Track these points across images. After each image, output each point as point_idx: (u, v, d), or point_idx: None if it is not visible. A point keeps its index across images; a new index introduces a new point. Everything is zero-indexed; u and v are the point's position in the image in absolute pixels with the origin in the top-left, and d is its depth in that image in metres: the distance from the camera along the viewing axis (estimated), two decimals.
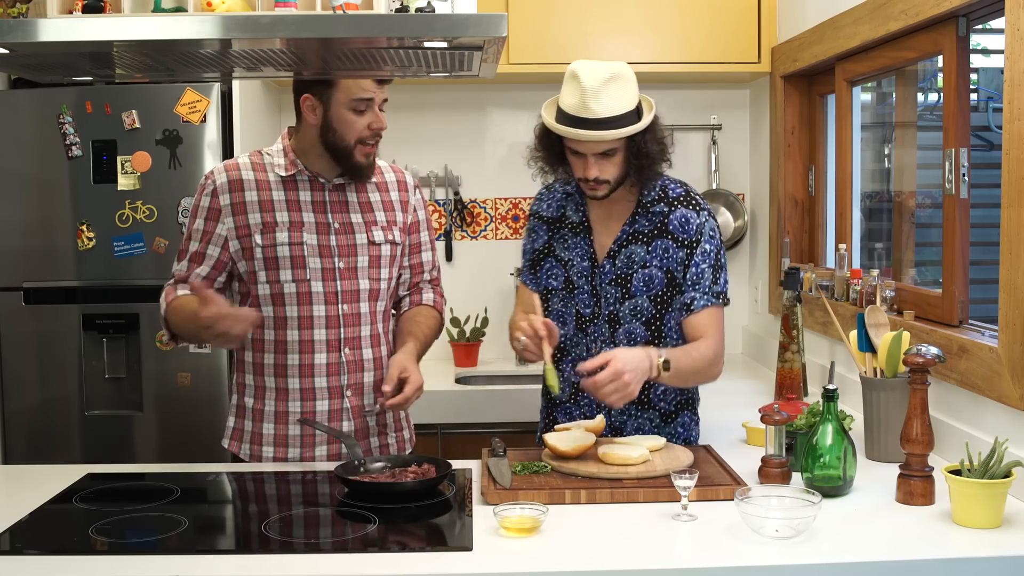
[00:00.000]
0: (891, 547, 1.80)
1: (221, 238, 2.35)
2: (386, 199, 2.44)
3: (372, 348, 2.40)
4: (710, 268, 2.33)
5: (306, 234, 2.33)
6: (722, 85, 3.95)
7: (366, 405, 2.41)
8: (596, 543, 1.81)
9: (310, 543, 1.86)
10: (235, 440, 2.43)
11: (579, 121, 2.22)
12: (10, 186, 3.28)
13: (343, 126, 2.28)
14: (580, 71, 2.23)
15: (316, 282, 2.34)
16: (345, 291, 2.36)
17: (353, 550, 1.81)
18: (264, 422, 2.39)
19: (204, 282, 2.31)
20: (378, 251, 2.39)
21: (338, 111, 2.28)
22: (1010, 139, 2.09)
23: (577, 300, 2.39)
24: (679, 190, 2.38)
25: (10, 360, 3.31)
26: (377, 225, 2.40)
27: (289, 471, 2.29)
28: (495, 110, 3.95)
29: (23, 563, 1.76)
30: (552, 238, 2.44)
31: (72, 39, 1.91)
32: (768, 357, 3.47)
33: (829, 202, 3.41)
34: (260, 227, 2.33)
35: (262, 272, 2.33)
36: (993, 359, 2.16)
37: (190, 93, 3.23)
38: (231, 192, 2.35)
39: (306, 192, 2.36)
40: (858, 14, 2.85)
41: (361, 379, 2.39)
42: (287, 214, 2.34)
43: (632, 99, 2.25)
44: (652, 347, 2.26)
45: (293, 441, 2.38)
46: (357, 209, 2.39)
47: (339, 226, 2.36)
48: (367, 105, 2.28)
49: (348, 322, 2.36)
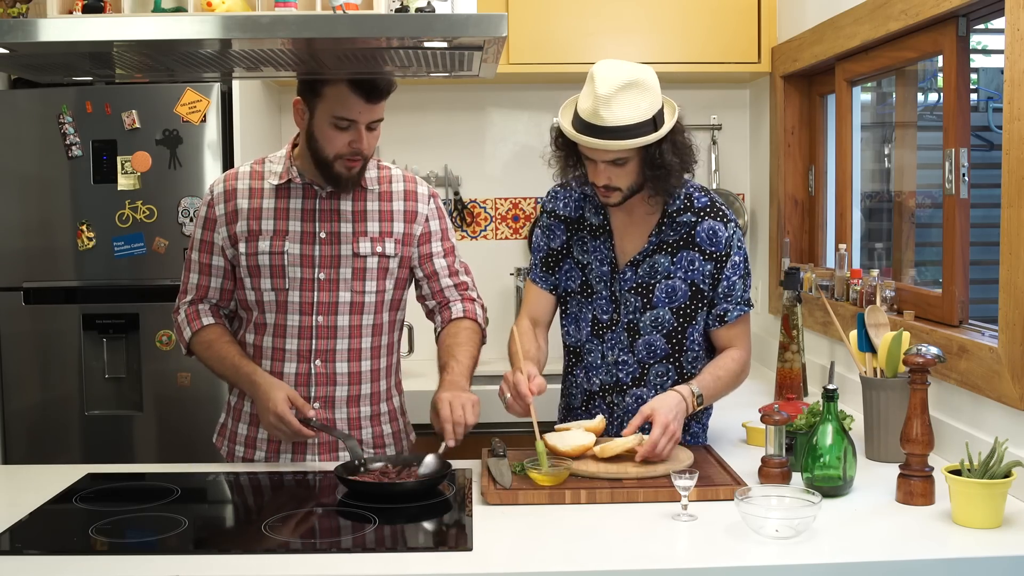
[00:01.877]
0: (891, 547, 1.80)
1: (218, 247, 2.37)
2: (385, 209, 2.38)
3: (348, 362, 2.36)
4: (740, 279, 2.31)
5: (288, 243, 2.32)
6: (722, 85, 3.95)
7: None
8: (596, 543, 1.81)
9: (310, 543, 1.86)
10: (220, 436, 2.49)
11: (590, 128, 2.16)
12: (10, 186, 3.28)
13: (323, 138, 2.24)
14: (598, 75, 2.16)
15: (294, 292, 2.32)
16: (322, 302, 2.33)
17: (353, 550, 1.81)
18: (240, 422, 2.43)
19: (209, 305, 2.40)
20: (363, 263, 2.34)
21: (321, 123, 2.24)
22: (1010, 139, 2.09)
23: (595, 305, 2.36)
24: (704, 199, 2.32)
25: (10, 360, 3.31)
26: (367, 236, 2.35)
27: (289, 471, 2.29)
28: (495, 110, 3.95)
29: (23, 563, 1.76)
30: (571, 239, 2.39)
31: (72, 39, 1.91)
32: (768, 357, 3.47)
33: (829, 202, 3.41)
34: (246, 235, 2.33)
35: (247, 279, 2.35)
36: (993, 359, 2.16)
37: (190, 93, 3.23)
38: (225, 202, 2.36)
39: (297, 200, 2.35)
40: (858, 14, 2.85)
41: (332, 392, 2.36)
42: (273, 222, 2.33)
43: (648, 108, 2.16)
44: (682, 385, 2.22)
45: (260, 444, 2.40)
46: (349, 218, 2.35)
47: (325, 236, 2.33)
48: (350, 124, 2.22)
49: (321, 334, 2.34)
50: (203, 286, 2.40)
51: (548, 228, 2.42)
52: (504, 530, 1.88)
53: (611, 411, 2.36)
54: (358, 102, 2.20)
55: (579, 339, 2.39)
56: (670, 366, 2.33)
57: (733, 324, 2.32)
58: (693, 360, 2.34)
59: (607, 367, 2.35)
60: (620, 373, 2.34)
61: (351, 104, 2.20)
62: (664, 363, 2.33)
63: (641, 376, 2.33)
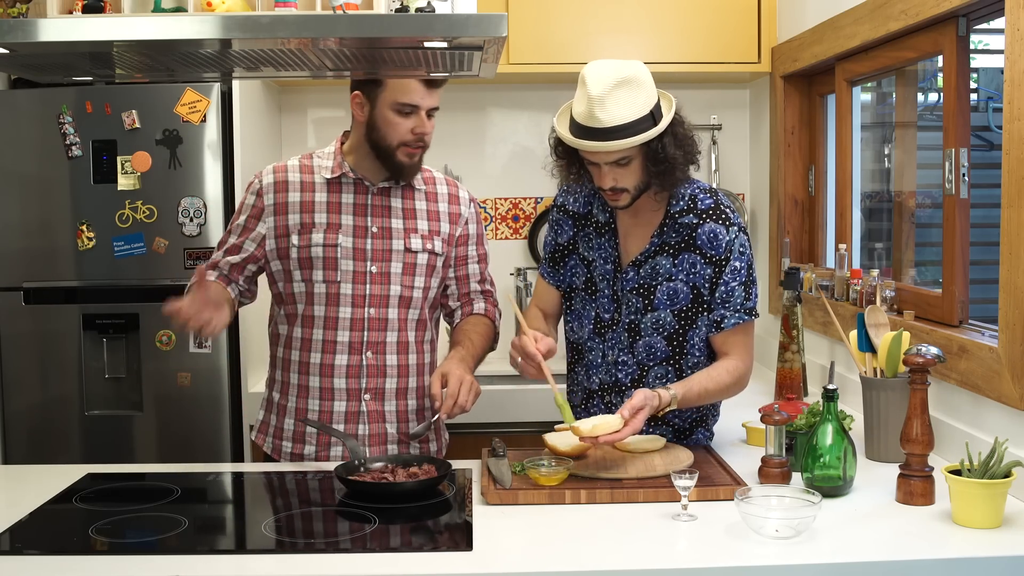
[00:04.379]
0: (891, 547, 1.80)
1: (260, 235, 2.39)
2: (432, 209, 2.43)
3: (398, 355, 2.39)
4: (741, 285, 2.26)
5: (342, 236, 2.35)
6: (722, 85, 3.95)
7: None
8: (596, 543, 1.81)
9: (310, 543, 1.86)
10: (261, 433, 2.48)
11: (588, 131, 2.14)
12: (10, 186, 3.28)
13: (387, 126, 2.29)
14: (588, 76, 2.13)
15: (346, 284, 2.35)
16: (374, 295, 2.36)
17: (353, 550, 1.81)
18: (286, 417, 2.42)
19: (218, 274, 2.39)
20: (413, 258, 2.38)
21: (383, 111, 2.29)
22: (1010, 139, 2.09)
23: (598, 303, 2.35)
24: (708, 201, 2.28)
25: (10, 360, 3.31)
26: (417, 233, 2.39)
27: (289, 471, 2.30)
28: (495, 110, 3.95)
29: (23, 563, 1.76)
30: (577, 235, 2.39)
31: (72, 39, 1.91)
32: (768, 357, 3.47)
33: (829, 202, 3.41)
34: (298, 227, 2.36)
35: (296, 271, 2.36)
36: (993, 359, 2.16)
37: (190, 93, 3.23)
38: (275, 192, 2.39)
39: (349, 195, 2.38)
40: (858, 14, 2.85)
41: (382, 384, 2.38)
42: (326, 215, 2.36)
43: (644, 104, 2.14)
44: (663, 388, 2.17)
45: (310, 438, 2.40)
46: (399, 215, 2.39)
47: (377, 230, 2.37)
48: (412, 110, 2.28)
49: (373, 326, 2.36)
50: (219, 260, 2.41)
51: (556, 223, 2.42)
52: (504, 530, 1.88)
53: (609, 411, 2.35)
54: (419, 88, 2.27)
55: (581, 336, 2.39)
56: (669, 368, 2.32)
57: (731, 332, 2.28)
58: (694, 365, 2.32)
59: (607, 366, 2.35)
60: (619, 373, 2.33)
61: (413, 90, 2.27)
62: (663, 365, 2.32)
63: (640, 378, 2.33)
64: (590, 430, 2.05)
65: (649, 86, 2.17)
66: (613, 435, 2.05)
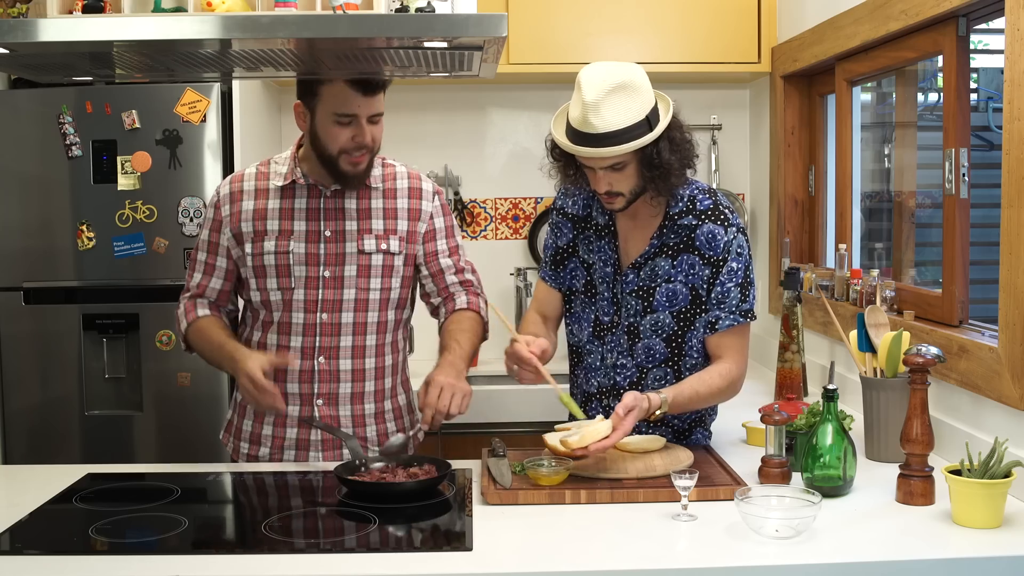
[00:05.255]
0: (891, 547, 1.80)
1: (224, 248, 2.40)
2: (390, 206, 2.40)
3: (352, 359, 2.37)
4: (737, 287, 2.25)
5: (293, 242, 2.34)
6: (722, 85, 3.96)
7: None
8: (596, 543, 1.81)
9: (310, 543, 1.86)
10: (227, 433, 2.50)
11: (583, 136, 2.12)
12: (10, 186, 3.28)
13: (326, 136, 2.27)
14: (584, 81, 2.11)
15: (299, 290, 2.34)
16: (327, 299, 2.34)
17: (353, 550, 1.81)
18: (245, 418, 2.44)
19: (208, 303, 2.42)
20: (368, 260, 2.36)
21: (322, 121, 2.27)
22: (1010, 139, 2.09)
23: (597, 306, 2.34)
24: (707, 202, 2.27)
25: (10, 360, 3.31)
26: (371, 233, 2.37)
27: (289, 471, 2.29)
28: (495, 110, 3.95)
29: (23, 563, 1.76)
30: (577, 237, 2.38)
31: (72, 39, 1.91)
32: (768, 357, 3.47)
33: (829, 202, 3.41)
34: (251, 236, 2.36)
35: (252, 279, 2.37)
36: (993, 359, 2.16)
37: (190, 93, 3.23)
38: (231, 203, 2.39)
39: (302, 200, 2.36)
40: (858, 14, 2.85)
41: (335, 389, 2.37)
42: (278, 222, 2.35)
43: (640, 109, 2.11)
44: (653, 393, 2.15)
45: (265, 440, 2.41)
46: (354, 216, 2.37)
47: (330, 234, 2.35)
48: (351, 119, 2.25)
49: (325, 331, 2.35)
50: (203, 285, 2.43)
51: (556, 226, 2.41)
52: (504, 530, 1.88)
53: (607, 414, 2.34)
54: (356, 96, 2.23)
55: (581, 339, 2.39)
56: (668, 370, 2.32)
57: (725, 333, 2.27)
58: (692, 367, 2.31)
59: (606, 369, 2.34)
60: (618, 376, 2.33)
61: (349, 99, 2.23)
62: (662, 367, 2.32)
63: (638, 381, 2.32)
64: (578, 441, 2.04)
65: (645, 90, 2.15)
66: (603, 442, 2.05)
